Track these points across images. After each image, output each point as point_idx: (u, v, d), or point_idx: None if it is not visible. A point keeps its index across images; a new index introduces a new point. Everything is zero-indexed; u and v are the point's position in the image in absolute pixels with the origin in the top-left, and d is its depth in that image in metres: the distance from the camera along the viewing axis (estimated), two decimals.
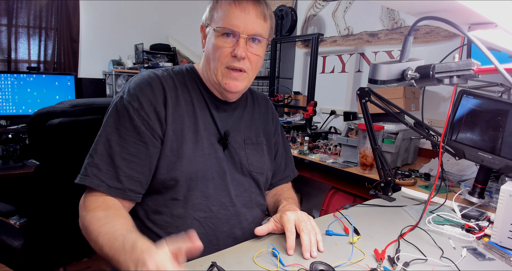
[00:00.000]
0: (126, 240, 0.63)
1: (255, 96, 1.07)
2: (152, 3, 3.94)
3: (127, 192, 0.78)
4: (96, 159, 0.77)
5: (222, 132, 0.91)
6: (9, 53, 3.19)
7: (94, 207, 0.75)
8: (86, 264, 2.14)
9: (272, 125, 1.08)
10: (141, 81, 0.83)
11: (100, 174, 0.77)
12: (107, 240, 0.66)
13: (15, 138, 2.39)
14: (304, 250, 0.73)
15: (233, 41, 0.83)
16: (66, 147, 1.13)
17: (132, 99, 0.80)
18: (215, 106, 0.92)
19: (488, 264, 0.77)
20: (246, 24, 0.81)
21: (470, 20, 0.64)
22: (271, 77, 2.82)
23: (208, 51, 0.87)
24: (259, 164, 0.97)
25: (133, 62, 3.67)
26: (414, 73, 0.78)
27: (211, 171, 0.87)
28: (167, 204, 0.84)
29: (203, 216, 0.85)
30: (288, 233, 0.76)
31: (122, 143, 0.78)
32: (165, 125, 0.82)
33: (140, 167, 0.79)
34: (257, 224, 0.96)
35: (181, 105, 0.85)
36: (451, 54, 0.88)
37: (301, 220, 0.79)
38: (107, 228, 0.69)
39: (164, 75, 0.87)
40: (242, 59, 0.83)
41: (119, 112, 0.80)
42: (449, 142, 1.12)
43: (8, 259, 1.25)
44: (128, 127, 0.79)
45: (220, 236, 0.87)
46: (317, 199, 2.71)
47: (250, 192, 0.95)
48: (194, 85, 0.91)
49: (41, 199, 1.22)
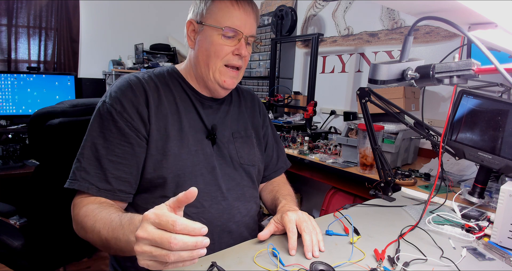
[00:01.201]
0: (122, 217, 0.66)
1: (241, 91, 1.09)
2: (152, 3, 3.94)
3: (116, 192, 0.79)
4: (84, 163, 0.79)
5: (209, 128, 0.92)
6: (9, 53, 3.19)
7: (88, 203, 0.77)
8: (86, 264, 2.14)
9: (260, 118, 1.10)
10: (122, 84, 0.85)
11: (89, 177, 0.78)
12: (103, 223, 0.68)
13: (15, 138, 2.39)
14: (306, 250, 0.74)
15: (234, 41, 0.87)
16: (66, 147, 1.13)
17: (115, 102, 0.81)
18: (200, 103, 0.93)
19: (488, 264, 0.77)
20: (247, 25, 0.87)
21: (470, 20, 0.64)
22: (271, 77, 2.81)
23: (205, 48, 0.87)
24: (250, 156, 0.99)
25: (133, 62, 3.67)
26: (414, 73, 0.78)
27: (199, 167, 0.88)
28: (157, 201, 0.83)
29: (195, 211, 0.86)
30: (290, 233, 0.76)
31: (108, 145, 0.79)
32: (149, 125, 0.83)
33: (127, 168, 0.80)
34: (251, 217, 0.97)
35: (163, 104, 0.87)
36: (451, 54, 0.88)
37: (302, 220, 0.79)
38: (102, 214, 0.71)
39: (145, 77, 0.88)
40: (242, 58, 0.89)
41: (103, 116, 0.81)
42: (449, 142, 1.12)
43: (8, 259, 1.25)
44: (113, 129, 0.80)
45: (214, 231, 0.87)
46: (317, 199, 2.71)
47: (243, 185, 0.96)
48: (176, 85, 0.92)
49: (41, 199, 1.22)
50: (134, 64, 3.63)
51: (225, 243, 0.88)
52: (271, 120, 1.17)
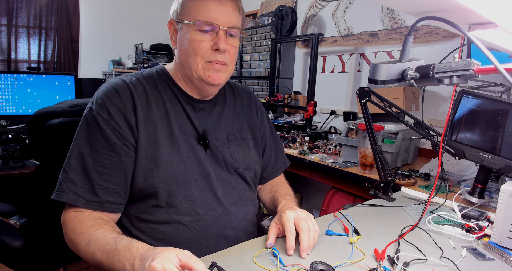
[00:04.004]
0: (118, 241, 0.64)
1: (236, 90, 1.04)
2: (152, 3, 3.94)
3: (105, 204, 0.77)
4: (71, 174, 0.76)
5: (200, 132, 0.88)
6: (9, 53, 3.19)
7: (82, 218, 0.75)
8: (86, 264, 2.14)
9: (257, 118, 1.05)
10: (108, 90, 0.81)
11: (76, 189, 0.76)
12: (98, 245, 0.67)
13: (15, 138, 2.39)
14: (302, 250, 0.73)
15: (212, 35, 0.81)
16: (66, 147, 1.12)
17: (101, 110, 0.78)
18: (191, 106, 0.89)
19: (488, 264, 0.77)
20: (224, 16, 0.81)
21: (470, 20, 0.64)
22: (271, 77, 2.81)
23: (184, 47, 0.83)
24: (245, 160, 0.96)
25: (133, 62, 3.67)
26: (414, 73, 0.78)
27: (192, 173, 0.85)
28: (149, 211, 0.82)
29: (189, 219, 0.83)
30: (288, 233, 0.75)
31: (95, 155, 0.77)
32: (137, 133, 0.79)
33: (114, 178, 0.78)
34: (248, 220, 0.95)
35: (152, 110, 0.83)
36: (451, 54, 0.88)
37: (300, 218, 0.78)
38: (97, 234, 0.69)
39: (132, 81, 0.84)
40: (223, 52, 0.82)
41: (89, 124, 0.78)
42: (449, 142, 1.12)
43: (8, 259, 1.25)
44: (99, 139, 0.77)
45: (210, 238, 0.86)
46: (317, 199, 2.71)
47: (238, 189, 0.94)
48: (166, 87, 0.88)
49: (41, 199, 1.22)
50: (134, 64, 3.63)
51: (221, 250, 0.86)
52: (269, 119, 1.14)
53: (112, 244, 0.65)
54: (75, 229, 0.73)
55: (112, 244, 0.65)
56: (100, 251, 0.66)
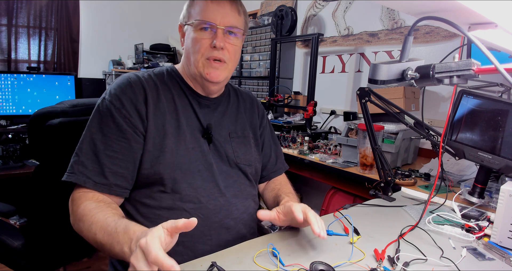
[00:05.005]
0: (118, 224, 0.67)
1: (240, 94, 1.10)
2: (152, 3, 3.94)
3: (113, 187, 0.81)
4: (82, 157, 0.80)
5: (205, 126, 0.93)
6: (9, 53, 3.19)
7: (86, 200, 0.77)
8: (86, 264, 2.14)
9: (258, 118, 1.11)
10: (122, 82, 0.87)
11: (86, 171, 0.79)
12: (99, 227, 0.69)
13: (15, 138, 2.39)
14: (313, 226, 0.71)
15: (211, 33, 0.87)
16: (66, 147, 1.13)
17: (114, 99, 0.83)
18: (197, 102, 0.95)
19: (488, 264, 0.77)
20: (222, 16, 0.87)
21: (470, 20, 0.64)
22: (271, 77, 2.81)
23: (187, 46, 0.91)
24: (246, 156, 0.99)
25: (133, 62, 3.67)
26: (414, 73, 0.78)
27: (196, 163, 0.89)
28: (155, 196, 0.86)
29: (192, 207, 0.86)
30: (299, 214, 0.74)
31: (106, 140, 0.81)
32: (147, 122, 0.84)
33: (124, 163, 0.82)
34: (249, 214, 0.97)
35: (162, 102, 0.88)
36: (451, 54, 0.88)
37: (308, 209, 0.78)
38: (99, 216, 0.72)
39: (144, 76, 0.91)
40: (221, 49, 0.87)
41: (102, 112, 0.83)
42: (449, 142, 1.12)
43: (8, 259, 1.25)
44: (111, 125, 0.82)
45: (212, 226, 0.88)
46: (317, 199, 2.71)
47: (240, 183, 0.97)
48: (175, 84, 0.94)
49: (41, 199, 1.22)
50: (134, 64, 3.63)
51: (222, 239, 0.88)
52: (269, 122, 1.18)
53: (112, 226, 0.67)
54: (78, 210, 0.76)
55: (112, 226, 0.67)
56: (101, 233, 0.69)
